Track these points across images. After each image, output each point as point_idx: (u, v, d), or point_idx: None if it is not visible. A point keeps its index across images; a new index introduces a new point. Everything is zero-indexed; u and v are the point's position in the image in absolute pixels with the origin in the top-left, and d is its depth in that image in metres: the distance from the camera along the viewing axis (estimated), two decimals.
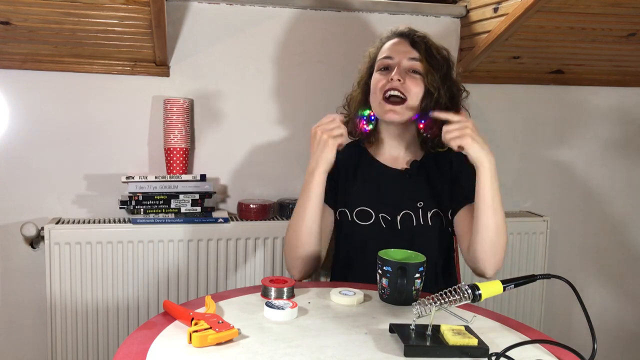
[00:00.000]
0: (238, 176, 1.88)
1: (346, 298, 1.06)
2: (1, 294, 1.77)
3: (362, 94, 1.41)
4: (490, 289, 0.92)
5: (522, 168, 2.12)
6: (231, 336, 0.86)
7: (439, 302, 0.89)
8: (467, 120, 1.17)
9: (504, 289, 0.93)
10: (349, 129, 1.45)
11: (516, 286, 0.94)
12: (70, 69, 1.71)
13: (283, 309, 0.96)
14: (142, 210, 1.69)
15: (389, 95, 1.31)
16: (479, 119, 1.05)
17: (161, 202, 1.71)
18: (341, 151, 1.45)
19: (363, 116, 1.38)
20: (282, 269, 1.79)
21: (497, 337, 0.93)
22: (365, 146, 1.42)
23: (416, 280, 1.06)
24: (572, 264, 2.20)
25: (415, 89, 1.31)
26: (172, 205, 1.71)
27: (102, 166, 1.78)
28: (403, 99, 1.31)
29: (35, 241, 1.75)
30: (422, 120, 1.34)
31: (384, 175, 1.38)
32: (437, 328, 0.90)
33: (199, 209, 1.73)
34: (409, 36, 1.36)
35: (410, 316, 0.93)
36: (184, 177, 1.73)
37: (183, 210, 1.72)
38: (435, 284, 1.31)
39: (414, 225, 1.32)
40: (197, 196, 1.72)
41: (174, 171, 1.75)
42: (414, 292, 1.06)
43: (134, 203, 1.68)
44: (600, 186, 2.20)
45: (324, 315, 0.99)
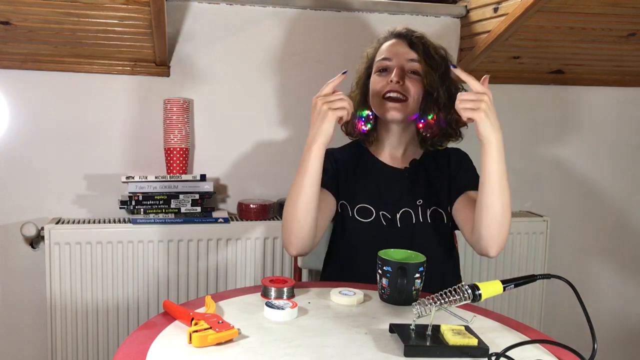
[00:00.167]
0: (238, 176, 1.88)
1: (346, 298, 1.06)
2: (1, 294, 1.77)
3: (361, 95, 1.42)
4: (490, 289, 0.92)
5: (522, 168, 2.11)
6: (231, 336, 0.86)
7: (439, 302, 0.89)
8: (484, 92, 1.08)
9: (504, 289, 0.93)
10: (348, 129, 1.46)
11: (516, 286, 0.94)
12: (70, 69, 1.71)
13: (283, 309, 0.96)
14: (142, 210, 1.69)
15: (388, 96, 1.32)
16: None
17: (161, 202, 1.71)
18: (340, 151, 1.45)
19: (362, 117, 1.39)
20: (282, 269, 1.79)
21: (497, 337, 0.93)
22: (366, 146, 1.43)
23: (416, 280, 1.06)
24: (572, 264, 2.20)
25: (415, 89, 1.32)
26: (172, 205, 1.71)
27: (102, 166, 1.78)
28: (403, 99, 1.31)
29: (35, 241, 1.75)
30: (422, 120, 1.35)
31: (384, 173, 1.38)
32: (437, 328, 0.90)
33: (199, 209, 1.73)
34: (406, 37, 1.37)
35: (410, 316, 0.93)
36: (184, 177, 1.73)
37: (183, 210, 1.72)
38: (441, 281, 1.30)
39: (414, 222, 1.32)
40: (197, 196, 1.72)
41: (174, 171, 1.75)
42: (414, 292, 1.06)
43: (134, 203, 1.68)
44: (600, 186, 2.20)
45: (324, 315, 0.99)
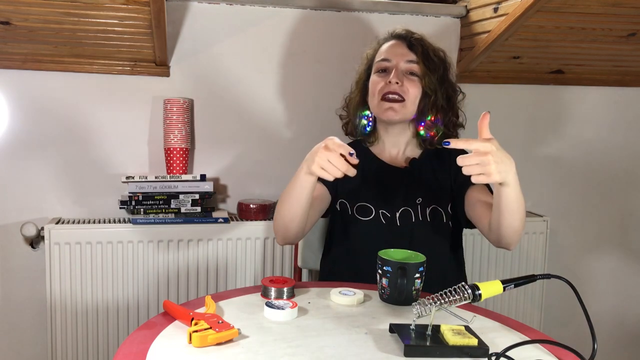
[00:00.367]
0: (238, 176, 1.88)
1: (346, 298, 1.06)
2: (1, 294, 1.77)
3: (360, 95, 1.43)
4: (490, 289, 0.92)
5: (522, 168, 2.09)
6: (231, 336, 0.86)
7: (439, 302, 0.89)
8: (488, 150, 0.98)
9: (504, 289, 0.93)
10: (348, 129, 1.47)
11: (516, 286, 0.94)
12: (70, 69, 1.71)
13: (283, 309, 0.96)
14: (142, 210, 1.69)
15: (386, 97, 1.33)
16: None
17: (161, 202, 1.71)
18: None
19: (363, 117, 1.41)
20: (282, 269, 1.79)
21: (497, 337, 0.93)
22: (366, 145, 1.44)
23: (416, 280, 1.06)
24: (572, 264, 2.20)
25: (413, 90, 1.33)
26: (172, 205, 1.71)
27: (102, 166, 1.78)
28: (401, 100, 1.32)
29: (35, 241, 1.75)
30: (422, 122, 1.36)
31: (384, 172, 1.39)
32: (437, 328, 0.90)
33: (199, 209, 1.73)
34: (406, 38, 1.37)
35: (410, 316, 0.93)
36: (184, 177, 1.73)
37: (183, 210, 1.72)
38: (442, 280, 1.30)
39: (413, 221, 1.33)
40: (197, 196, 1.72)
41: (174, 171, 1.75)
42: (414, 292, 1.06)
43: (134, 203, 1.68)
44: (600, 186, 2.20)
45: (324, 315, 0.99)
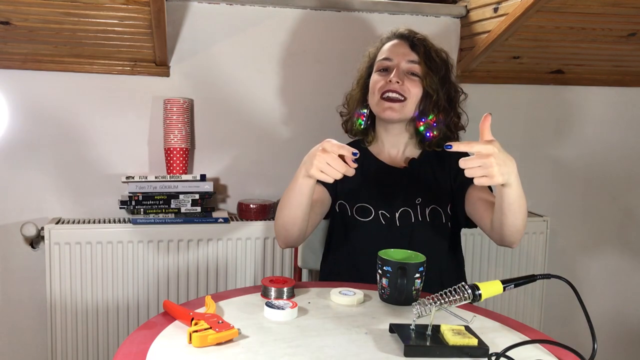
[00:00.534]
0: (238, 176, 1.88)
1: (346, 298, 1.06)
2: (1, 294, 1.76)
3: (361, 93, 1.43)
4: (490, 289, 0.92)
5: (522, 168, 2.08)
6: (231, 336, 0.86)
7: (439, 302, 0.89)
8: (490, 152, 1.00)
9: (504, 289, 0.93)
10: (348, 128, 1.47)
11: (516, 286, 0.94)
12: (70, 69, 1.71)
13: (283, 309, 0.96)
14: (142, 210, 1.69)
15: (386, 96, 1.32)
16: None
17: (161, 202, 1.70)
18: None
19: (362, 114, 1.41)
20: (282, 269, 1.79)
21: (497, 337, 0.93)
22: (365, 145, 1.44)
23: (416, 280, 1.06)
24: (572, 264, 2.20)
25: (414, 90, 1.33)
26: (172, 205, 1.71)
27: (102, 166, 1.78)
28: (402, 99, 1.32)
29: (35, 241, 1.75)
30: (422, 119, 1.36)
31: (384, 173, 1.39)
32: (437, 328, 0.90)
33: (199, 209, 1.73)
34: (408, 38, 1.37)
35: (410, 316, 0.93)
36: (184, 177, 1.73)
37: (183, 210, 1.72)
38: (441, 280, 1.30)
39: (412, 221, 1.33)
40: (197, 196, 1.72)
41: (174, 171, 1.75)
42: (414, 292, 1.06)
43: (134, 203, 1.68)
44: (600, 186, 2.20)
45: (324, 315, 0.99)
